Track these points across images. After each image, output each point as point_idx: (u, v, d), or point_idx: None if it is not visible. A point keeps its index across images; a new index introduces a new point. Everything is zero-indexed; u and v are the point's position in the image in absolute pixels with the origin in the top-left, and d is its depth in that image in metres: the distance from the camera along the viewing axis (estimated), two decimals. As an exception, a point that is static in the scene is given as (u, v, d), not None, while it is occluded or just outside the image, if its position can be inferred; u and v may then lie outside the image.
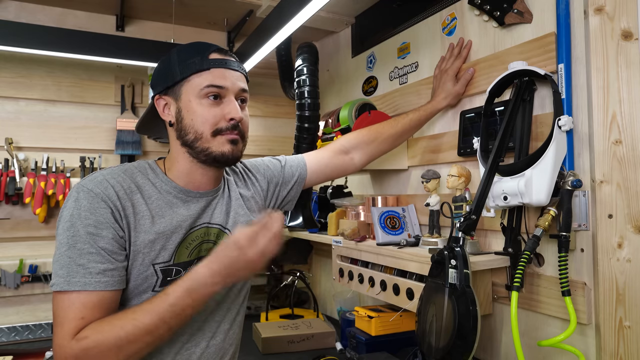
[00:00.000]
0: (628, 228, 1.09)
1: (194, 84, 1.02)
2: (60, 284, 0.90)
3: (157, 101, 1.07)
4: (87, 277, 0.90)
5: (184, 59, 1.03)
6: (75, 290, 0.89)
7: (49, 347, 1.92)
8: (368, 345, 1.61)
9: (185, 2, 2.20)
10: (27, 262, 2.11)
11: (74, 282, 0.89)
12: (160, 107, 1.07)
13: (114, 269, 0.93)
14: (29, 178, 2.06)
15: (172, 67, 1.04)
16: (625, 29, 1.11)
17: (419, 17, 1.75)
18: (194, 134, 1.02)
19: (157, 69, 1.09)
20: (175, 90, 1.04)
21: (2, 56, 2.12)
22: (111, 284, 0.92)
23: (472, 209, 1.18)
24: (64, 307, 0.90)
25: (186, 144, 1.04)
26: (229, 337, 1.14)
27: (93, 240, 0.92)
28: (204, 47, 1.05)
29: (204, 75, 1.02)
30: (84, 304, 0.90)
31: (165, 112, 1.07)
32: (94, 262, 0.91)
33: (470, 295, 1.06)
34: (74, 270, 0.90)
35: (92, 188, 0.95)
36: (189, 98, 1.02)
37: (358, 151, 1.44)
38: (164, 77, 1.05)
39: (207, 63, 1.02)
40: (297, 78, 1.96)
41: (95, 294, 0.91)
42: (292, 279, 2.30)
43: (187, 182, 1.07)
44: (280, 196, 1.30)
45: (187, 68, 1.02)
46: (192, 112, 1.02)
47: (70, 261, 0.90)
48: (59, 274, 0.90)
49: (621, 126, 1.10)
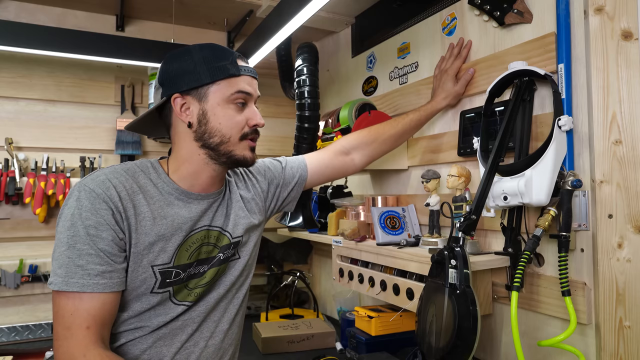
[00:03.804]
0: (628, 228, 1.09)
1: (223, 89, 1.02)
2: (59, 283, 0.90)
3: (175, 100, 1.03)
4: (86, 279, 0.90)
5: (212, 62, 1.02)
6: (74, 292, 0.89)
7: (49, 347, 1.92)
8: (368, 345, 1.61)
9: (185, 2, 2.20)
10: (27, 262, 2.11)
11: (72, 282, 0.89)
12: (177, 106, 1.03)
13: (112, 271, 0.93)
14: (29, 178, 2.06)
15: (197, 68, 1.01)
16: (625, 29, 1.11)
17: (419, 17, 1.75)
18: (220, 137, 1.02)
19: (175, 68, 1.03)
20: (201, 92, 1.02)
21: (2, 56, 2.12)
22: (110, 286, 0.92)
23: (472, 209, 1.18)
24: (68, 311, 0.90)
25: (209, 146, 1.03)
26: (228, 337, 1.14)
27: (93, 241, 0.91)
28: (229, 52, 1.05)
29: (235, 80, 1.02)
30: (87, 310, 0.90)
31: (184, 112, 1.03)
32: (92, 263, 0.91)
33: (470, 295, 1.06)
34: (73, 271, 0.90)
35: (94, 188, 0.94)
36: (216, 101, 1.02)
37: (358, 152, 1.44)
38: (187, 77, 1.01)
39: (238, 69, 1.03)
40: (297, 78, 1.96)
41: (97, 297, 0.91)
42: (292, 279, 2.30)
43: (192, 183, 1.06)
44: (281, 197, 1.30)
45: (217, 72, 1.01)
46: (219, 115, 1.02)
47: (69, 261, 0.90)
48: (57, 273, 0.90)
49: (621, 126, 1.10)
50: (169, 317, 1.03)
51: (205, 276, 1.08)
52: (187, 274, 1.04)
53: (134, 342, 1.01)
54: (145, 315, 1.01)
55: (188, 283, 1.05)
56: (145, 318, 1.01)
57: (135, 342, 1.01)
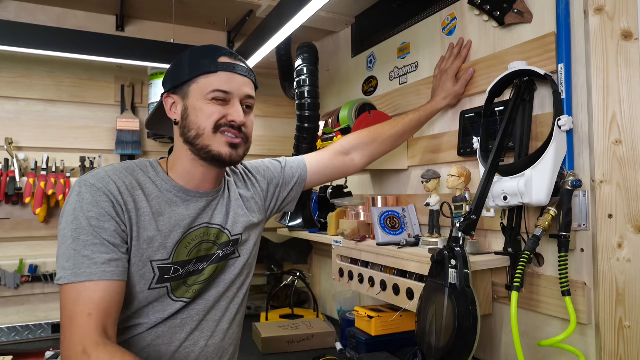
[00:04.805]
0: (628, 228, 1.09)
1: (201, 86, 1.03)
2: (68, 276, 0.90)
3: (165, 99, 1.09)
4: (93, 268, 0.90)
5: (194, 60, 1.04)
6: (82, 282, 0.89)
7: (49, 347, 1.93)
8: (368, 345, 1.61)
9: (185, 2, 2.20)
10: (27, 262, 2.11)
11: (81, 273, 0.90)
12: (167, 105, 1.09)
13: (118, 259, 0.94)
14: (29, 178, 2.06)
15: (182, 67, 1.05)
16: (625, 29, 1.11)
17: (419, 17, 1.75)
18: (196, 130, 1.03)
19: (170, 68, 1.10)
20: (183, 89, 1.05)
21: (2, 56, 2.12)
22: (117, 274, 0.93)
23: (472, 209, 1.18)
24: (72, 300, 0.89)
25: (188, 140, 1.05)
26: (228, 337, 1.14)
27: (96, 232, 0.93)
28: (215, 50, 1.06)
29: (211, 78, 1.03)
30: (90, 298, 0.89)
31: (172, 110, 1.08)
32: (98, 252, 0.92)
33: (470, 295, 1.06)
34: (80, 262, 0.90)
35: (95, 183, 0.96)
36: (196, 98, 1.03)
37: (358, 152, 1.44)
38: (174, 76, 1.07)
39: (215, 66, 1.03)
40: (297, 78, 1.96)
41: (102, 285, 0.90)
42: (292, 279, 2.30)
43: (188, 181, 1.07)
44: (281, 197, 1.30)
45: (195, 69, 1.03)
46: (197, 110, 1.03)
47: (75, 253, 0.91)
48: (65, 267, 0.90)
49: (621, 126, 1.10)
50: (166, 314, 1.03)
51: (204, 273, 1.08)
52: (185, 270, 1.05)
53: (132, 340, 1.01)
54: (143, 312, 1.02)
55: (187, 280, 1.06)
56: (143, 314, 1.02)
57: (133, 340, 1.01)
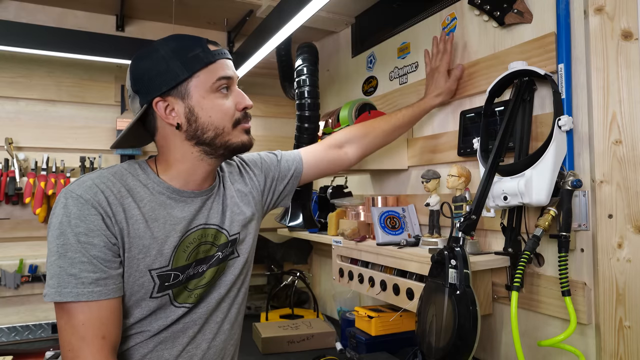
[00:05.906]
0: (628, 228, 1.09)
1: (203, 79, 0.97)
2: (52, 294, 0.87)
3: (157, 105, 0.97)
4: (80, 288, 0.87)
5: (183, 54, 0.96)
6: (70, 302, 0.87)
7: (49, 347, 1.93)
8: (368, 345, 1.61)
9: (185, 2, 2.20)
10: (27, 262, 2.11)
11: (66, 292, 0.87)
12: (161, 110, 0.97)
13: (107, 278, 0.90)
14: (29, 178, 2.06)
15: (170, 65, 0.95)
16: (625, 29, 1.11)
17: (419, 17, 1.75)
18: (214, 130, 0.99)
19: (146, 70, 0.97)
20: (181, 89, 0.96)
21: (2, 56, 2.12)
22: (105, 293, 0.89)
23: (472, 209, 1.18)
24: (64, 321, 0.88)
25: (204, 142, 1.00)
26: (229, 338, 1.13)
27: (84, 248, 0.88)
28: (199, 40, 1.00)
29: (212, 68, 0.98)
30: (100, 319, 0.88)
31: (169, 115, 0.98)
32: (86, 271, 0.88)
33: (470, 295, 1.06)
34: (65, 281, 0.87)
35: (81, 194, 0.90)
36: (200, 95, 0.97)
37: (351, 145, 1.44)
38: (163, 77, 0.95)
39: (212, 55, 0.98)
40: (297, 78, 1.96)
41: (94, 305, 0.88)
42: (292, 279, 2.30)
43: (187, 181, 1.03)
44: (277, 191, 1.28)
45: (192, 63, 0.96)
46: (207, 108, 0.98)
47: (60, 271, 0.88)
48: (49, 284, 0.88)
49: (621, 126, 1.10)
50: (169, 321, 1.01)
51: (205, 276, 1.05)
52: (185, 275, 1.02)
53: (135, 348, 0.99)
54: (146, 321, 0.99)
55: (188, 284, 1.03)
56: (146, 323, 0.99)
57: (136, 348, 0.99)
